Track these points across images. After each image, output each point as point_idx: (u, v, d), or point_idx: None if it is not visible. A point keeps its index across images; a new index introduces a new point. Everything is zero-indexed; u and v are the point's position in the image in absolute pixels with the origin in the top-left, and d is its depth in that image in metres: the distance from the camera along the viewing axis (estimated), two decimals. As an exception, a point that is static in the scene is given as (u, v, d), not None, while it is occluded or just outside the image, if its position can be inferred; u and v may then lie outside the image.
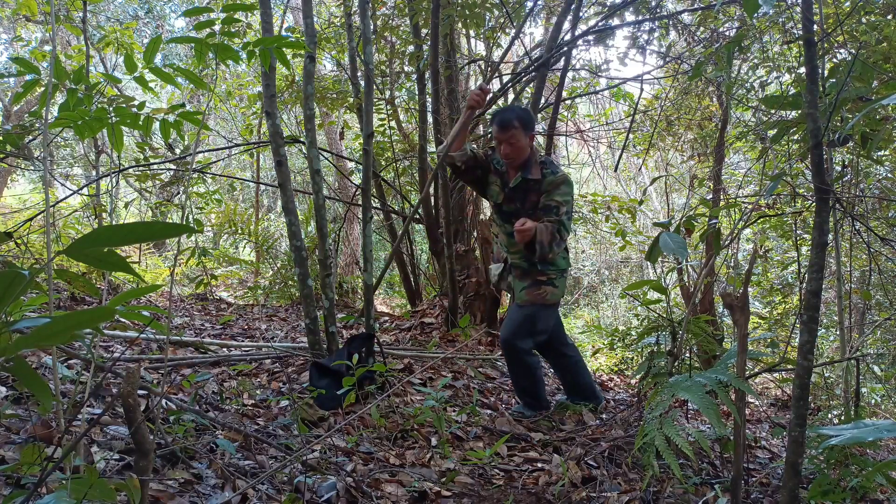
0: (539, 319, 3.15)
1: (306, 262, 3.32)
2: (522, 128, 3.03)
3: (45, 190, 1.58)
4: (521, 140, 3.03)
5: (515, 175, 3.12)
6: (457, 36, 5.73)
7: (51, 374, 2.35)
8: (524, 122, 3.05)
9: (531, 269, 3.15)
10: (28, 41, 6.99)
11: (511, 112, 3.10)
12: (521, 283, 3.17)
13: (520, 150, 3.05)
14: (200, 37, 1.75)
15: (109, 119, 1.76)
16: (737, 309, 1.95)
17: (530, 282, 3.15)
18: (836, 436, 1.29)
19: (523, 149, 3.06)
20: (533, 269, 3.14)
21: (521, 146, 3.04)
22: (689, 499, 2.16)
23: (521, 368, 3.20)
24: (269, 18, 3.21)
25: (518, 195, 3.12)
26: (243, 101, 7.56)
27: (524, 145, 3.05)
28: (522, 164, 3.10)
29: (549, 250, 2.97)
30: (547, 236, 2.96)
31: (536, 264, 3.11)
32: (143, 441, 1.23)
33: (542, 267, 3.13)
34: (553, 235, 2.98)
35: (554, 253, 3.01)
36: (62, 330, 0.82)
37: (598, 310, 12.82)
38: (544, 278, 3.15)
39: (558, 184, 3.06)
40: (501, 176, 3.20)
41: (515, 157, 3.06)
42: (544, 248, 2.95)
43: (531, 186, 3.09)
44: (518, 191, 3.12)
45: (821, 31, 2.64)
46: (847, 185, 4.16)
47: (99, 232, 0.83)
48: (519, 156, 3.06)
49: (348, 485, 2.01)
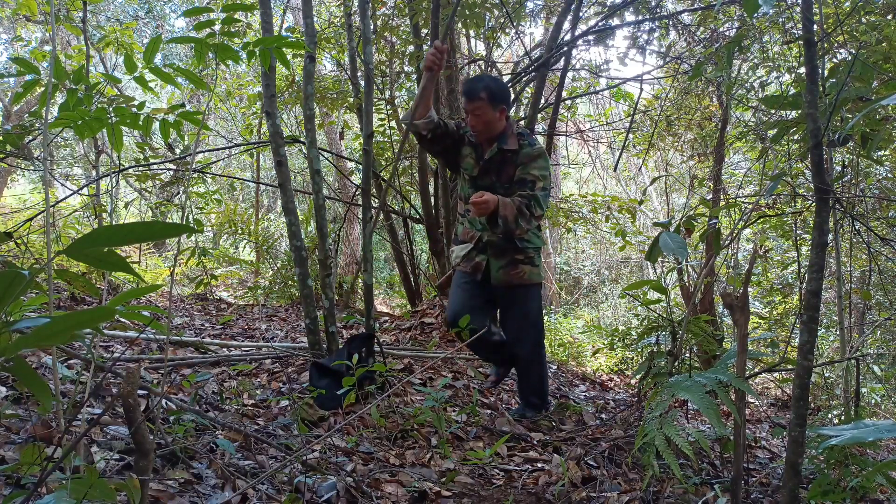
0: (533, 300, 3.03)
1: (306, 262, 3.32)
2: (490, 100, 2.80)
3: (45, 190, 1.58)
4: (488, 113, 2.81)
5: (491, 147, 2.92)
6: (457, 36, 5.73)
7: (51, 374, 2.35)
8: (493, 94, 2.81)
9: (508, 247, 2.95)
10: (28, 41, 6.99)
11: (479, 81, 2.87)
12: (498, 263, 2.97)
13: (486, 125, 2.84)
14: (200, 37, 1.75)
15: (109, 119, 1.76)
16: (737, 309, 1.95)
17: (507, 261, 2.96)
18: (836, 436, 1.29)
19: (490, 123, 2.84)
20: (510, 245, 2.94)
21: (487, 119, 2.83)
22: (689, 499, 2.16)
23: (537, 366, 3.13)
24: (269, 18, 3.21)
25: (494, 167, 2.92)
26: (243, 101, 7.57)
27: (491, 119, 2.83)
28: (498, 136, 2.90)
29: (514, 226, 2.76)
30: (511, 211, 2.74)
31: (515, 241, 2.92)
32: (143, 441, 1.23)
33: (521, 244, 2.94)
34: (520, 211, 2.76)
35: (522, 229, 2.80)
36: (62, 330, 0.82)
37: (598, 310, 12.83)
38: (522, 256, 2.96)
39: (535, 156, 2.86)
40: (476, 148, 2.98)
41: (482, 131, 2.87)
42: (508, 223, 2.74)
43: (508, 158, 2.90)
44: (493, 163, 2.92)
45: (821, 31, 2.64)
46: (847, 185, 4.16)
47: (99, 232, 0.83)
48: (486, 130, 2.86)
49: (348, 485, 2.01)
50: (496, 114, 2.83)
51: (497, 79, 2.98)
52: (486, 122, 2.83)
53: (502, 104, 2.84)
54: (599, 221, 6.40)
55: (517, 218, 2.75)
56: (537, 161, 2.86)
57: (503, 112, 2.85)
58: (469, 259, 3.04)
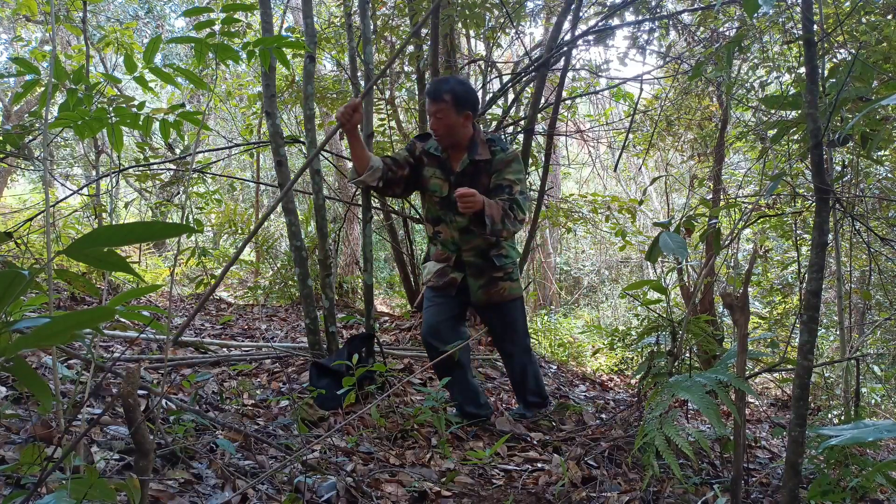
0: (518, 312, 2.99)
1: (306, 262, 3.32)
2: (454, 104, 2.65)
3: (45, 190, 1.58)
4: (451, 117, 2.67)
5: (461, 158, 2.78)
6: (457, 36, 5.73)
7: (51, 374, 2.35)
8: (457, 97, 2.66)
9: (486, 265, 2.87)
10: (28, 41, 6.99)
11: (444, 84, 2.71)
12: (477, 282, 2.89)
13: (448, 129, 2.70)
14: (200, 37, 1.75)
15: (109, 119, 1.76)
16: (737, 309, 1.95)
17: (486, 280, 2.88)
18: (836, 436, 1.29)
19: (453, 128, 2.70)
20: (487, 264, 2.87)
21: (449, 124, 2.68)
22: (689, 499, 2.16)
23: (531, 370, 3.13)
24: (269, 18, 3.21)
25: (466, 180, 2.76)
26: (243, 101, 7.56)
27: (454, 124, 2.69)
28: (469, 146, 2.77)
29: (501, 227, 2.63)
30: (497, 211, 2.63)
31: (492, 259, 2.85)
32: (143, 441, 1.23)
33: (496, 262, 2.86)
34: (506, 212, 2.66)
35: (508, 231, 2.68)
36: (62, 330, 0.82)
37: (598, 310, 12.83)
38: (501, 274, 2.89)
39: (509, 161, 2.75)
40: (441, 164, 2.83)
41: (443, 136, 2.73)
42: (495, 224, 2.62)
43: (481, 168, 2.77)
44: (466, 175, 2.78)
45: (821, 31, 2.64)
46: (847, 185, 4.16)
47: (99, 232, 0.83)
48: (447, 135, 2.72)
49: (348, 485, 2.01)
50: (460, 119, 2.70)
51: (464, 82, 2.82)
52: (448, 127, 2.70)
53: (467, 109, 2.70)
54: (599, 221, 6.40)
55: (503, 219, 2.64)
56: (511, 165, 2.75)
57: (468, 118, 2.72)
58: (443, 275, 2.92)
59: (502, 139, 2.90)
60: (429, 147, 2.85)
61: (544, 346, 7.22)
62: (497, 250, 2.88)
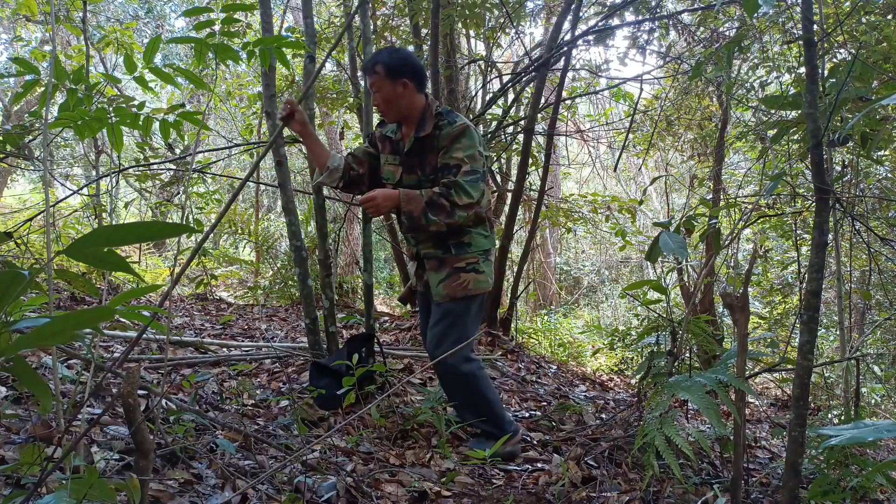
0: (467, 315, 2.55)
1: (306, 262, 3.32)
2: (386, 73, 2.45)
3: (45, 190, 1.58)
4: (386, 88, 2.46)
5: (409, 139, 2.55)
6: (457, 36, 5.73)
7: (51, 374, 2.35)
8: (388, 67, 2.45)
9: (446, 257, 2.55)
10: (28, 41, 6.99)
11: (376, 55, 2.52)
12: (438, 276, 2.56)
13: (387, 103, 2.49)
14: (200, 37, 1.75)
15: (109, 119, 1.76)
16: (737, 309, 1.95)
17: (446, 272, 2.54)
18: (836, 436, 1.29)
19: (391, 101, 2.48)
20: (448, 255, 2.54)
21: (386, 97, 2.47)
22: (689, 499, 2.16)
23: (463, 385, 2.57)
24: (269, 18, 3.21)
25: (416, 161, 2.54)
26: (243, 101, 7.57)
27: (391, 96, 2.47)
28: (418, 122, 2.52)
29: (426, 221, 2.39)
30: (418, 204, 2.38)
31: (451, 248, 2.53)
32: (143, 441, 1.23)
33: (457, 252, 2.53)
34: (432, 203, 2.39)
35: (439, 224, 2.40)
36: (62, 330, 0.82)
37: (598, 310, 12.83)
38: (463, 264, 2.53)
39: (455, 136, 2.44)
40: (394, 146, 2.62)
41: (386, 111, 2.52)
42: (414, 219, 2.39)
43: (427, 146, 2.51)
44: (414, 156, 2.54)
45: (821, 31, 2.64)
46: (847, 185, 4.17)
47: (99, 232, 0.83)
48: (388, 109, 2.51)
49: (348, 485, 2.01)
50: (397, 88, 2.46)
51: (399, 50, 2.61)
52: (387, 100, 2.48)
53: (403, 77, 2.46)
54: (599, 221, 6.41)
55: (426, 212, 2.37)
56: (459, 141, 2.44)
57: (406, 86, 2.48)
58: (419, 277, 2.72)
59: (452, 112, 2.55)
60: (386, 131, 2.66)
61: (544, 346, 7.22)
62: (457, 238, 2.54)
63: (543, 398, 3.78)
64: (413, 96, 2.50)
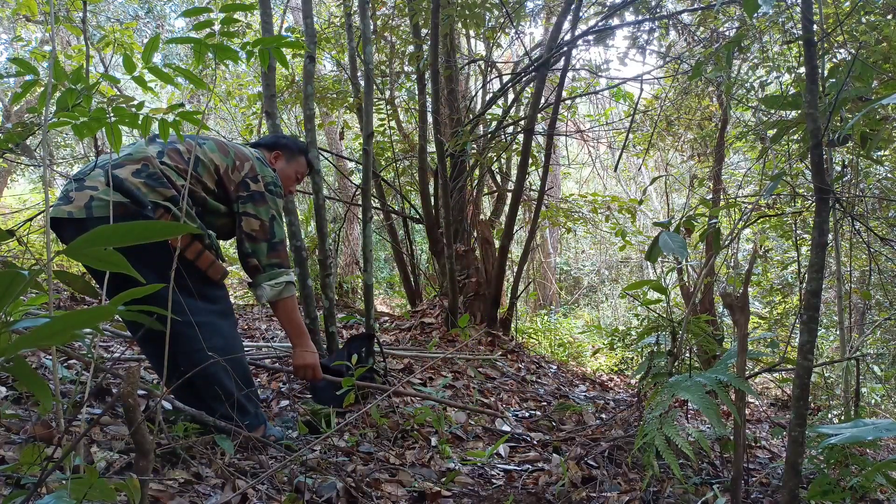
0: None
1: (306, 262, 3.32)
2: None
3: (45, 190, 1.58)
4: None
5: None
6: (457, 36, 5.73)
7: (51, 374, 2.35)
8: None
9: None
10: (28, 41, 6.99)
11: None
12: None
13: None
14: (200, 37, 1.75)
15: (108, 119, 1.76)
16: (737, 309, 1.95)
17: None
18: (836, 436, 1.29)
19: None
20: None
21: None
22: (689, 499, 2.16)
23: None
24: (268, 18, 3.21)
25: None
26: (243, 101, 7.56)
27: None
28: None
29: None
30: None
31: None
32: (143, 441, 1.23)
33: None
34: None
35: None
36: (62, 330, 0.82)
37: (598, 310, 12.84)
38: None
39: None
40: None
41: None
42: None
43: None
44: None
45: (821, 31, 2.63)
46: (847, 185, 4.17)
47: (99, 232, 0.83)
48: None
49: (348, 485, 2.01)
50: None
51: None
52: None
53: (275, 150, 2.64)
54: (599, 221, 6.40)
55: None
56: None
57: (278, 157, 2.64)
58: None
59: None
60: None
61: (544, 346, 7.22)
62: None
63: (543, 398, 3.78)
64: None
